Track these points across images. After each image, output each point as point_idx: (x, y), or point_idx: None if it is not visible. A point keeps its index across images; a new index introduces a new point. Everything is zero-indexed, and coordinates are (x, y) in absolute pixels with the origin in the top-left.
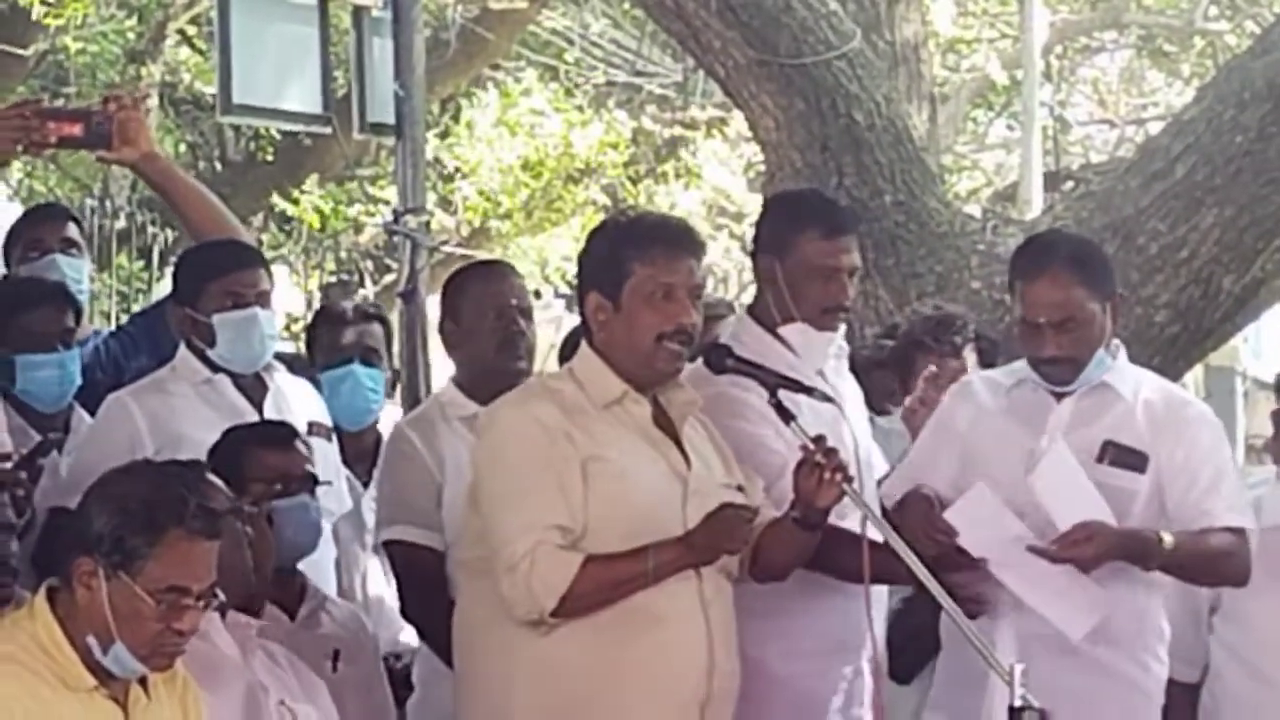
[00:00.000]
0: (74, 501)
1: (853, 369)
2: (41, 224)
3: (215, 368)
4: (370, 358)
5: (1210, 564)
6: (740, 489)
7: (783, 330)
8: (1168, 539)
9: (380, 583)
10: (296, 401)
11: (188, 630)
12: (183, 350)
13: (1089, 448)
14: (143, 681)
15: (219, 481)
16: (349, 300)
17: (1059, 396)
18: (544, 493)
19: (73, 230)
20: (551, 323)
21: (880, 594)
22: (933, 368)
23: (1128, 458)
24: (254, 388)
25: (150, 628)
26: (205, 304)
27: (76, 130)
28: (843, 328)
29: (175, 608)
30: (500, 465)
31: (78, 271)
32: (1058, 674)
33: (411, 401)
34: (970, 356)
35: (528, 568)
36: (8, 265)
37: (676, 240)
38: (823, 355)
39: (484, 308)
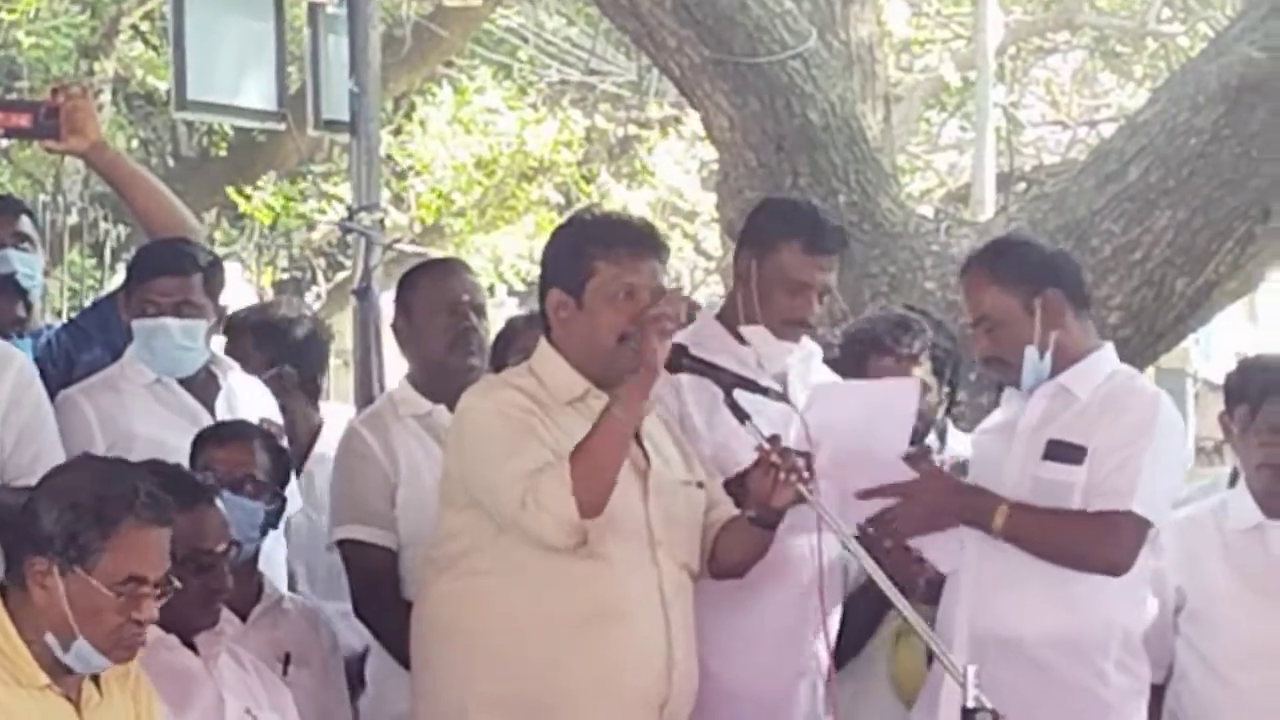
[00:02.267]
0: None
1: None
2: None
3: None
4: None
5: (1053, 546)
6: (700, 485)
7: (744, 329)
8: (1002, 512)
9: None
10: (248, 400)
11: (147, 620)
12: (131, 349)
13: (1038, 449)
14: (95, 678)
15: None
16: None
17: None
18: (526, 447)
19: (26, 224)
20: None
21: (832, 593)
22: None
23: (1066, 452)
24: (206, 386)
25: (111, 620)
26: (130, 307)
27: (24, 121)
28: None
29: (134, 598)
30: (482, 442)
31: (30, 266)
32: (1008, 676)
33: (365, 399)
34: (926, 364)
35: (534, 499)
36: None
37: (642, 241)
38: (780, 362)
39: (435, 304)
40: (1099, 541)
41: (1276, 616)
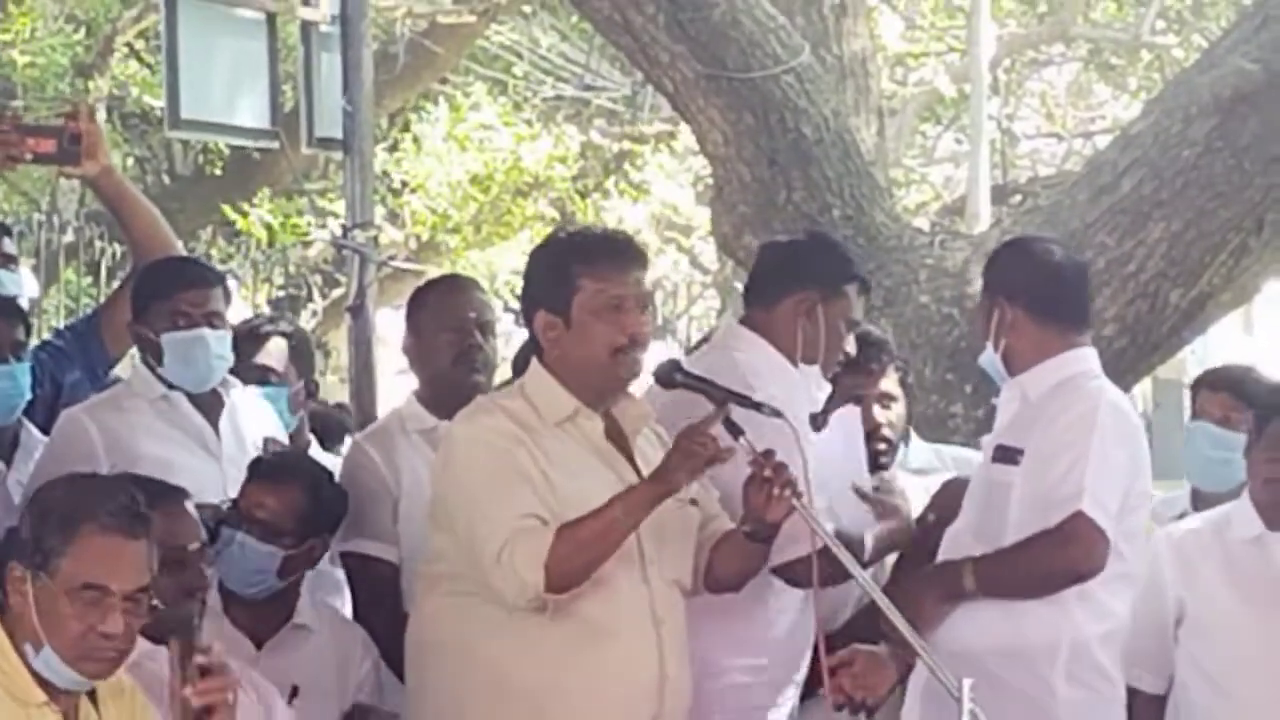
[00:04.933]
0: None
1: None
2: None
3: (170, 384)
4: (258, 377)
5: (1024, 579)
6: (694, 502)
7: (803, 369)
8: (968, 571)
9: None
10: (252, 417)
11: (113, 633)
12: (138, 366)
13: (991, 452)
14: (92, 697)
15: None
16: (260, 320)
17: None
18: (514, 490)
19: (8, 245)
20: (501, 336)
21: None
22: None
23: (1007, 453)
24: (210, 404)
25: (71, 628)
26: (155, 322)
27: (50, 147)
28: None
29: (95, 606)
30: (466, 475)
31: (15, 286)
32: None
33: (361, 414)
34: (893, 376)
35: (509, 555)
36: None
37: (622, 252)
38: (811, 398)
39: (442, 321)
40: (1060, 554)
41: (1276, 628)
